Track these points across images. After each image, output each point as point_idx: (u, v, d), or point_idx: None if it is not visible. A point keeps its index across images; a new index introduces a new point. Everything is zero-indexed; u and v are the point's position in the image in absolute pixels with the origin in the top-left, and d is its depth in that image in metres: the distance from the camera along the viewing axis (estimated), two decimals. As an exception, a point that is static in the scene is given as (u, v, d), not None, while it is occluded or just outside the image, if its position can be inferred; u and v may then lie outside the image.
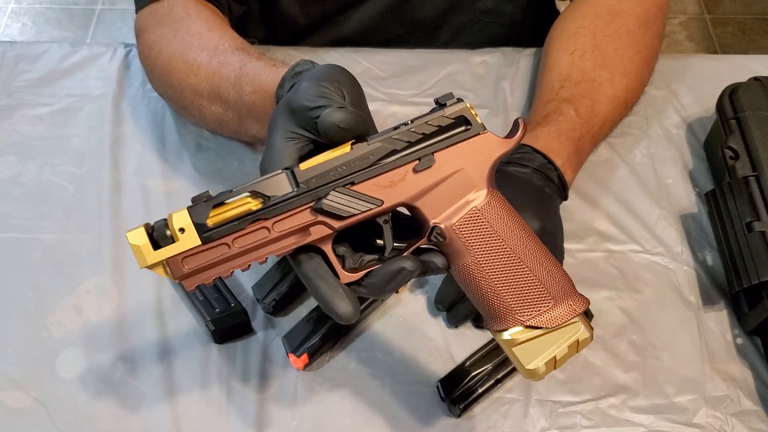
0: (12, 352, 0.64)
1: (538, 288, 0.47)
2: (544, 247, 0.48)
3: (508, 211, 0.47)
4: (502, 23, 0.89)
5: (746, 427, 0.60)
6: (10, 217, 0.72)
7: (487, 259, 0.47)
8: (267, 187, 0.46)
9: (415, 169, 0.46)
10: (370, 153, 0.46)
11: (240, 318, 0.64)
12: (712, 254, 0.69)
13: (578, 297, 0.48)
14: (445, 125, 0.47)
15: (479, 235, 0.47)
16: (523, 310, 0.47)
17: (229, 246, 0.46)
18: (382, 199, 0.46)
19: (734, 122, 0.70)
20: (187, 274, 0.46)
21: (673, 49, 1.91)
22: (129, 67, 0.83)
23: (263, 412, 0.61)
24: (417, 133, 0.46)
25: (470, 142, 0.47)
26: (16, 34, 1.99)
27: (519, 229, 0.47)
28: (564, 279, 0.48)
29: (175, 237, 0.45)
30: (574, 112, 0.70)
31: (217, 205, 0.45)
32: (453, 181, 0.47)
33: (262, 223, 0.46)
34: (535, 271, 0.47)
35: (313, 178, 0.46)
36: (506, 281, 0.47)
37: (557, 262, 0.48)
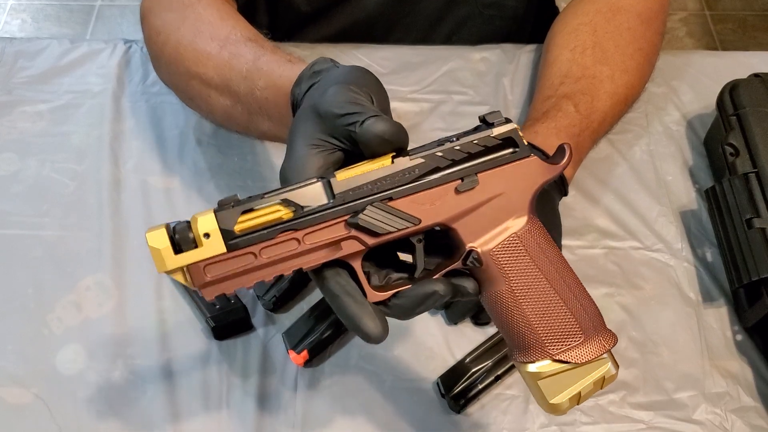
0: (12, 348, 0.64)
1: (570, 321, 0.46)
2: (578, 279, 0.47)
3: (546, 240, 0.46)
4: (503, 17, 0.89)
5: (746, 424, 0.60)
6: (9, 214, 0.72)
7: (521, 289, 0.45)
8: (300, 196, 0.43)
9: (457, 189, 0.44)
10: (412, 168, 0.44)
11: (240, 315, 0.64)
12: (712, 251, 0.69)
13: (608, 333, 0.47)
14: (491, 146, 0.45)
15: (516, 263, 0.45)
16: (553, 343, 0.46)
17: (256, 256, 0.42)
18: (420, 218, 0.44)
19: (734, 119, 0.70)
20: (209, 283, 0.42)
21: (673, 45, 1.91)
22: (129, 64, 0.83)
23: (263, 408, 0.61)
24: (462, 151, 0.44)
25: (515, 165, 0.45)
26: (15, 31, 1.99)
27: (556, 259, 0.46)
28: (596, 314, 0.47)
29: (199, 242, 0.42)
30: (573, 109, 0.70)
31: (245, 211, 0.42)
32: (494, 204, 0.45)
33: (292, 234, 0.43)
34: (569, 303, 0.46)
35: (350, 191, 0.43)
36: (539, 312, 0.46)
37: (590, 297, 0.47)
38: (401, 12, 0.87)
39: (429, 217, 0.44)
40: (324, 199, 0.43)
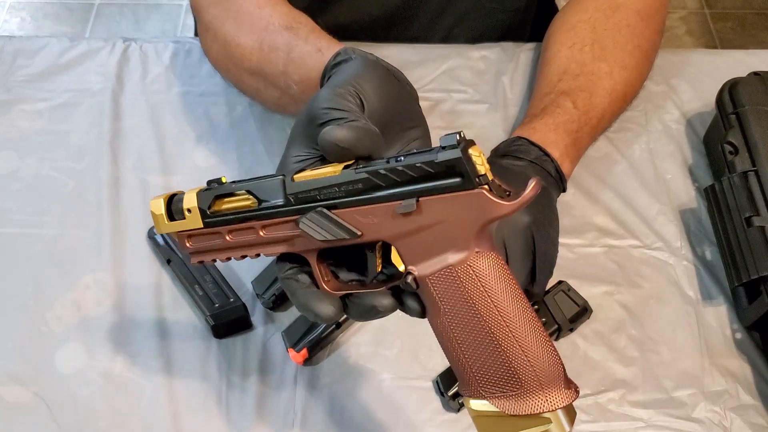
0: (11, 347, 0.64)
1: (506, 370, 0.42)
2: (536, 330, 0.42)
3: (494, 280, 0.42)
4: (505, 10, 0.89)
5: (745, 422, 0.60)
6: (9, 212, 0.72)
7: (454, 323, 0.43)
8: (262, 189, 0.46)
9: (396, 210, 0.42)
10: (356, 182, 0.43)
11: (239, 313, 0.64)
12: (711, 249, 0.69)
13: (560, 391, 0.42)
14: (437, 171, 0.41)
15: (450, 297, 0.43)
16: (487, 385, 0.43)
17: (225, 236, 0.47)
18: (362, 232, 0.43)
19: (734, 117, 0.70)
20: (190, 250, 0.49)
21: (672, 43, 1.91)
22: (128, 62, 0.83)
23: (263, 406, 0.61)
24: (405, 172, 0.42)
25: (458, 196, 0.41)
26: (14, 29, 1.99)
27: (505, 303, 0.42)
28: (547, 368, 0.42)
29: (185, 215, 0.48)
30: (571, 105, 0.70)
31: (223, 195, 0.47)
32: (435, 231, 0.42)
33: (253, 223, 0.46)
34: (509, 352, 0.42)
35: (300, 193, 0.44)
36: (473, 352, 0.43)
37: (547, 350, 0.42)
38: (402, 5, 0.87)
39: (371, 232, 0.43)
40: (280, 197, 0.45)
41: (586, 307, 0.64)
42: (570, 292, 0.65)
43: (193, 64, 0.83)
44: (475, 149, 0.41)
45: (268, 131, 0.77)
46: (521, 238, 0.61)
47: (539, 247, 0.61)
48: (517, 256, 0.60)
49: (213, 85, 0.81)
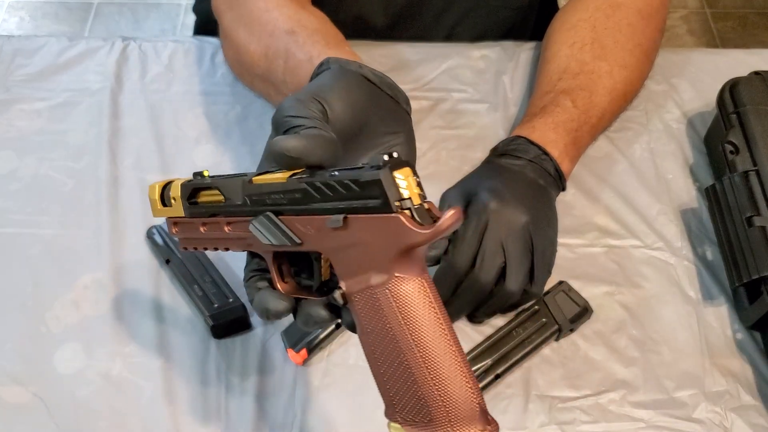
0: (10, 347, 0.64)
1: (417, 400, 0.41)
2: (453, 365, 0.41)
3: (412, 307, 0.41)
4: (509, 7, 0.89)
5: (745, 422, 0.60)
6: (8, 212, 0.72)
7: (375, 344, 0.42)
8: (228, 188, 0.47)
9: (326, 224, 0.42)
10: (296, 191, 0.43)
11: (239, 313, 0.64)
12: (712, 249, 0.69)
13: (471, 430, 0.41)
14: (360, 190, 0.40)
15: (371, 317, 0.42)
16: (402, 411, 0.42)
17: (200, 228, 0.49)
18: (301, 240, 0.44)
19: (735, 117, 0.70)
20: (177, 237, 0.52)
21: (673, 43, 1.91)
22: (127, 61, 0.83)
23: (262, 407, 0.60)
24: (335, 187, 0.41)
25: (379, 218, 0.40)
26: (13, 28, 1.99)
27: (419, 332, 0.41)
28: (460, 406, 0.40)
29: (171, 203, 0.50)
30: (571, 104, 0.70)
31: (201, 189, 0.49)
32: (362, 250, 0.41)
33: (219, 219, 0.48)
34: (419, 383, 0.41)
35: (254, 195, 0.45)
36: (390, 375, 0.42)
37: (464, 386, 0.41)
38: (406, 4, 0.87)
39: (309, 241, 0.43)
40: (240, 197, 0.46)
41: (587, 307, 0.64)
42: (570, 292, 0.64)
43: (193, 63, 0.83)
44: (404, 171, 0.40)
45: (268, 131, 0.76)
46: (519, 237, 0.61)
47: (537, 246, 0.61)
48: (515, 256, 0.60)
49: (212, 85, 0.81)
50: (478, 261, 0.60)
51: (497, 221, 0.61)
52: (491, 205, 0.61)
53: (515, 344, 0.62)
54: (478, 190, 0.63)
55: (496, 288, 0.61)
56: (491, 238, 0.60)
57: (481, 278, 0.60)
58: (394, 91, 0.55)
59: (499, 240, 0.60)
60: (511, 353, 0.61)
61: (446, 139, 0.77)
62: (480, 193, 0.62)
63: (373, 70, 0.55)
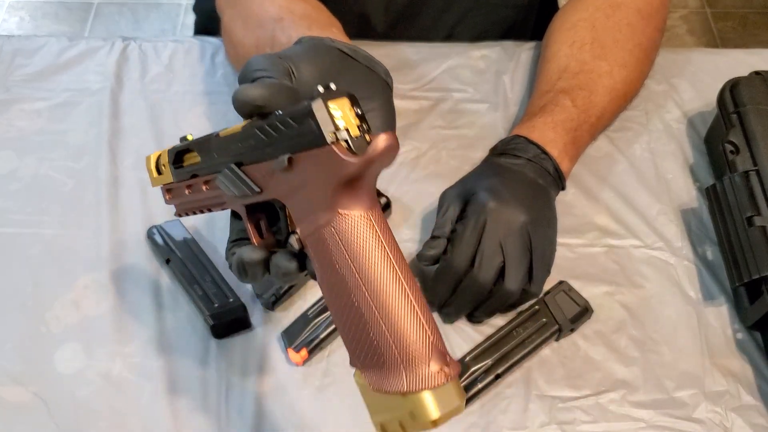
0: (11, 347, 0.64)
1: (369, 343, 0.39)
2: (404, 303, 0.39)
3: (357, 243, 0.39)
4: (509, 6, 0.88)
5: (746, 422, 0.60)
6: (8, 212, 0.72)
7: (329, 288, 0.40)
8: (201, 146, 0.47)
9: (274, 167, 0.40)
10: (250, 137, 0.42)
11: (239, 313, 0.64)
12: (712, 249, 0.69)
13: (424, 373, 0.38)
14: (299, 125, 0.39)
15: (322, 260, 0.40)
16: (359, 356, 0.40)
17: (186, 190, 0.49)
18: (260, 188, 0.42)
19: (735, 116, 0.70)
20: (170, 203, 0.52)
21: (673, 42, 1.91)
22: (127, 61, 0.83)
23: (262, 407, 0.60)
24: (279, 127, 0.40)
25: (316, 152, 0.38)
26: (13, 28, 1.99)
27: (366, 269, 0.39)
28: (412, 347, 0.38)
29: (162, 170, 0.51)
30: (570, 103, 0.70)
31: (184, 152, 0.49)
32: (309, 190, 0.40)
33: (198, 179, 0.48)
34: (369, 324, 0.39)
35: (220, 149, 0.45)
36: (345, 319, 0.40)
37: (415, 326, 0.38)
38: (407, 3, 0.87)
39: (268, 189, 0.42)
40: (211, 153, 0.46)
41: (587, 307, 0.64)
42: (571, 292, 0.64)
43: (193, 63, 0.83)
44: (340, 102, 0.38)
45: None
46: (518, 237, 0.61)
47: (536, 245, 0.61)
48: (514, 256, 0.60)
49: (212, 84, 0.81)
50: (477, 261, 0.60)
51: (496, 221, 0.61)
52: (490, 204, 0.61)
53: (515, 344, 0.62)
54: (477, 190, 0.63)
55: (495, 288, 0.61)
56: (490, 237, 0.60)
57: (479, 278, 0.60)
58: (370, 62, 0.53)
59: (498, 239, 0.60)
60: (511, 353, 0.61)
61: (446, 138, 0.77)
62: (478, 193, 0.62)
63: (347, 44, 0.53)
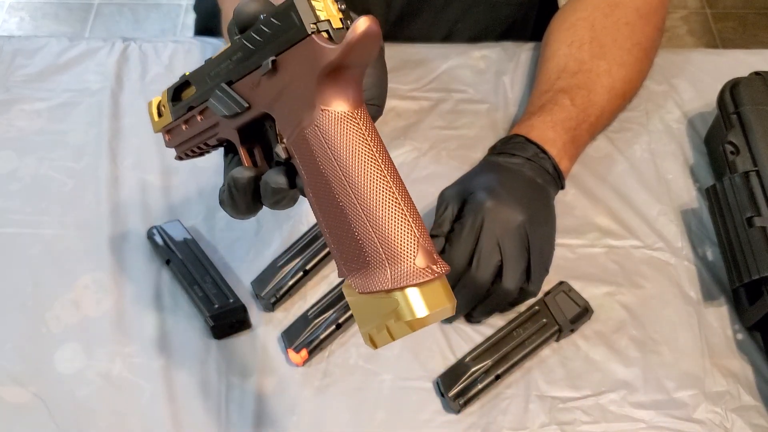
0: (11, 347, 0.64)
1: (354, 243, 0.38)
2: (387, 198, 0.37)
3: (339, 139, 0.38)
4: (510, 3, 0.88)
5: (746, 423, 0.60)
6: (8, 212, 0.72)
7: (314, 192, 0.39)
8: (196, 76, 0.46)
9: (260, 73, 0.40)
10: (238, 50, 0.41)
11: (239, 314, 0.64)
12: (712, 249, 0.69)
13: (408, 268, 0.37)
14: (281, 23, 0.38)
15: (307, 162, 0.39)
16: (346, 261, 0.38)
17: (184, 126, 0.49)
18: (249, 103, 0.41)
19: (735, 117, 0.70)
20: (170, 145, 0.52)
21: (673, 43, 1.91)
22: (127, 61, 0.83)
23: (262, 407, 0.60)
24: (263, 30, 0.39)
25: (298, 47, 0.38)
26: (13, 29, 1.99)
27: (347, 165, 0.37)
28: (395, 242, 0.37)
29: (161, 111, 0.51)
30: (569, 102, 0.70)
31: (181, 88, 0.48)
32: (291, 92, 0.39)
33: (194, 111, 0.47)
34: (352, 222, 0.37)
35: (212, 72, 0.44)
36: (331, 223, 0.39)
37: (399, 220, 0.37)
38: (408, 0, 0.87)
39: (257, 102, 0.41)
40: (205, 80, 0.45)
41: (587, 307, 0.64)
42: (571, 292, 0.64)
43: (193, 63, 0.83)
44: None
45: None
46: (515, 236, 0.61)
47: (534, 244, 0.61)
48: (512, 255, 0.60)
49: (212, 85, 0.81)
50: (475, 260, 0.60)
51: (493, 220, 0.61)
52: (487, 203, 0.61)
53: (516, 345, 0.62)
54: (475, 189, 0.63)
55: (493, 287, 0.61)
56: (487, 236, 0.60)
57: (477, 277, 0.60)
58: None
59: (496, 238, 0.60)
60: (511, 354, 0.61)
61: (447, 139, 0.77)
62: (476, 192, 0.62)
63: None
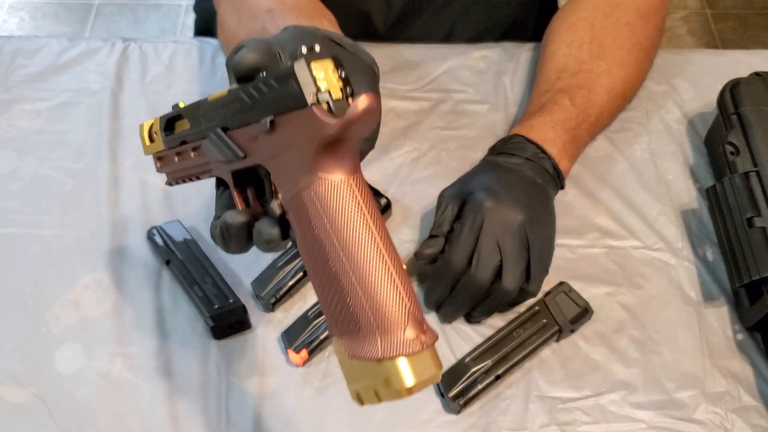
0: (11, 347, 0.63)
1: (346, 308, 0.39)
2: (381, 268, 0.38)
3: (336, 208, 0.39)
4: (510, 3, 0.88)
5: (746, 423, 0.60)
6: (8, 212, 0.72)
7: (308, 253, 0.40)
8: (190, 112, 0.46)
9: (257, 130, 0.40)
10: (235, 101, 0.42)
11: (239, 314, 0.64)
12: (712, 250, 0.69)
13: (399, 339, 0.38)
14: (280, 87, 0.39)
15: (302, 224, 0.40)
16: (336, 323, 0.40)
17: (176, 158, 0.49)
18: (245, 153, 0.42)
19: (735, 117, 0.70)
20: (161, 171, 0.52)
21: (673, 43, 1.91)
22: (127, 62, 0.83)
23: (262, 408, 0.60)
24: (262, 89, 0.40)
25: (298, 114, 0.38)
26: (14, 29, 1.99)
27: (343, 233, 0.38)
28: (387, 312, 0.38)
29: (154, 138, 0.51)
30: (569, 102, 0.70)
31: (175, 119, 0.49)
32: (291, 153, 0.40)
33: (187, 146, 0.48)
34: (345, 288, 0.38)
35: (208, 114, 0.45)
36: (324, 285, 0.40)
37: (392, 291, 0.38)
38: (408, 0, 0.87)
39: (251, 153, 0.42)
40: (199, 119, 0.46)
41: (587, 308, 0.64)
42: (571, 293, 0.64)
43: (193, 64, 0.83)
44: (323, 64, 0.37)
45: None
46: (515, 236, 0.61)
47: (534, 244, 0.61)
48: (512, 255, 0.60)
49: (212, 86, 0.81)
50: (474, 260, 0.60)
51: (493, 220, 0.61)
52: (487, 203, 0.61)
53: (516, 345, 0.62)
54: (475, 189, 0.63)
55: (493, 287, 0.61)
56: (487, 236, 0.60)
57: (477, 277, 0.60)
58: (356, 49, 0.52)
59: (495, 239, 0.60)
60: (511, 354, 0.61)
61: (447, 139, 0.77)
62: (476, 192, 0.62)
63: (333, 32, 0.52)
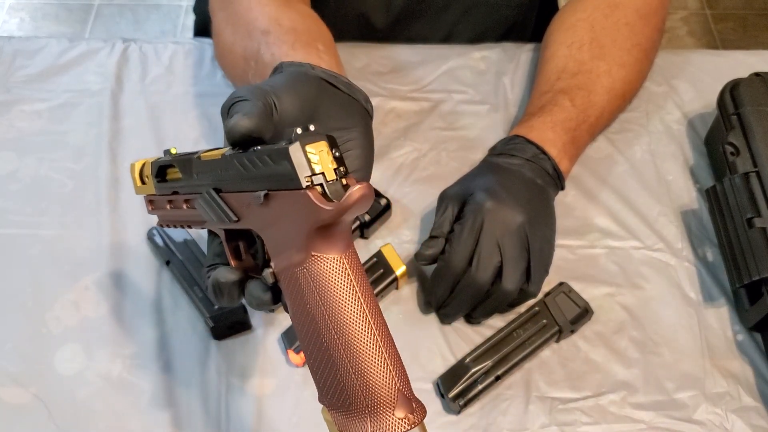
0: (11, 348, 0.64)
1: (337, 385, 0.39)
2: (373, 349, 0.39)
3: (329, 287, 0.39)
4: (510, 5, 0.88)
5: (746, 424, 0.60)
6: (8, 212, 0.72)
7: (300, 325, 0.41)
8: (183, 165, 0.47)
9: (251, 200, 0.41)
10: (230, 167, 0.42)
11: (239, 315, 0.64)
12: (712, 250, 0.69)
13: (390, 420, 0.38)
14: (275, 164, 0.39)
15: (295, 297, 0.40)
16: (327, 395, 0.41)
17: (168, 205, 0.50)
18: (238, 218, 0.43)
19: (735, 118, 0.70)
20: (155, 213, 0.52)
21: (673, 44, 1.91)
22: (127, 62, 0.83)
23: (262, 408, 0.60)
24: (257, 162, 0.40)
25: (292, 194, 0.39)
26: (14, 30, 1.99)
27: (336, 313, 0.39)
28: (379, 393, 0.38)
29: (145, 181, 0.52)
30: (569, 103, 0.70)
31: (167, 166, 0.49)
32: (284, 227, 0.40)
33: (178, 196, 0.48)
34: (338, 366, 0.39)
35: (201, 172, 0.45)
36: (315, 358, 0.41)
37: (384, 371, 0.39)
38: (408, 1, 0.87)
39: (245, 219, 0.43)
40: (192, 174, 0.46)
41: (587, 308, 0.64)
42: (571, 293, 0.64)
43: (193, 65, 0.83)
44: (318, 146, 0.38)
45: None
46: (515, 237, 0.61)
47: (534, 245, 0.61)
48: (512, 255, 0.60)
49: (212, 86, 0.81)
50: (475, 260, 0.60)
51: (493, 221, 0.61)
52: (487, 204, 0.61)
53: (516, 345, 0.62)
54: (475, 190, 0.63)
55: (493, 287, 0.61)
56: (487, 237, 0.60)
57: (477, 278, 0.60)
58: (350, 88, 0.53)
59: (495, 239, 0.60)
60: (511, 354, 0.61)
61: (447, 140, 0.77)
62: (476, 193, 0.62)
63: (328, 71, 0.53)
